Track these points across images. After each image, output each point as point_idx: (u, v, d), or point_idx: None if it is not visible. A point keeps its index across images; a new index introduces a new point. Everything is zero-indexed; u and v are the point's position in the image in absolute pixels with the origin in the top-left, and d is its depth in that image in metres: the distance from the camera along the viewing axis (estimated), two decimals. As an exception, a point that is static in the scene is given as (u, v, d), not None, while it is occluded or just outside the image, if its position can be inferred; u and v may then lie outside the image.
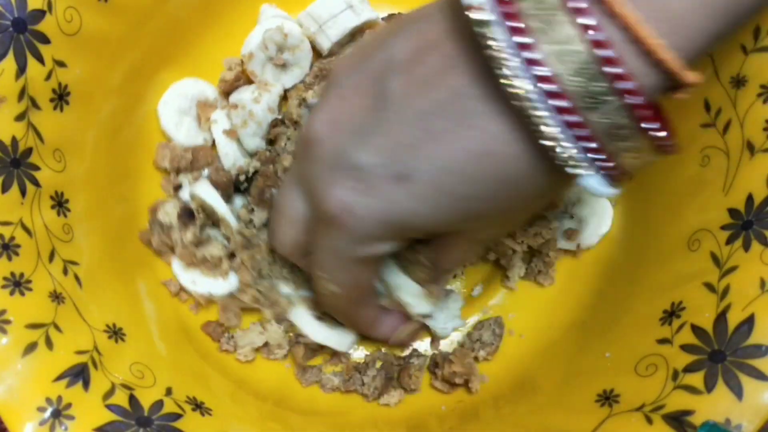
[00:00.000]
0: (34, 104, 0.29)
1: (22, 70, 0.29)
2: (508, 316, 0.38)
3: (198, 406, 0.31)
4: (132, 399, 0.29)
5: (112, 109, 0.35)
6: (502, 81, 0.21)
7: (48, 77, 0.30)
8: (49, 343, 0.28)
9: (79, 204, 0.32)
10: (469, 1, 0.21)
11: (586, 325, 0.35)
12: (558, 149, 0.22)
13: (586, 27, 0.20)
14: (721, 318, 0.26)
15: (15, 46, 0.28)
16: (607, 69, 0.21)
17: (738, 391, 0.24)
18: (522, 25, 0.21)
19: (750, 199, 0.27)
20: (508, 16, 0.21)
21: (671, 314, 0.28)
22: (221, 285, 0.36)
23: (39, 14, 0.29)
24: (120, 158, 0.36)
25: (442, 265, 0.32)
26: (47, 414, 0.26)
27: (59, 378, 0.27)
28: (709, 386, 0.25)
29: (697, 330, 0.27)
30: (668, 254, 0.31)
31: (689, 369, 0.26)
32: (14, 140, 0.29)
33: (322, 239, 0.28)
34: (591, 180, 0.23)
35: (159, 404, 0.29)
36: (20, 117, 0.29)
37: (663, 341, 0.28)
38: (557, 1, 0.21)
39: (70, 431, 0.26)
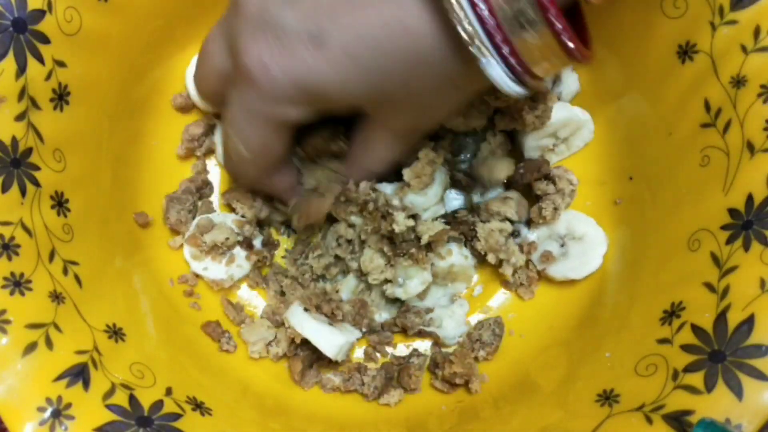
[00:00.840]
0: (34, 104, 0.29)
1: (22, 70, 0.28)
2: (508, 316, 0.38)
3: (198, 406, 0.31)
4: (132, 399, 0.29)
5: (112, 108, 0.35)
6: None
7: (48, 77, 0.30)
8: (49, 343, 0.28)
9: (79, 204, 0.32)
10: None
11: (586, 325, 0.35)
12: (462, 26, 0.23)
13: None
14: (721, 318, 0.26)
15: (15, 46, 0.28)
16: None
17: (738, 391, 0.24)
18: None
19: (750, 199, 0.27)
20: None
21: (671, 314, 0.28)
22: (232, 270, 0.37)
23: (39, 14, 0.29)
24: (120, 158, 0.36)
25: (362, 160, 0.33)
26: (47, 414, 0.26)
27: (59, 378, 0.27)
28: (709, 386, 0.25)
29: (697, 330, 0.27)
30: (668, 254, 0.31)
31: (689, 369, 0.26)
32: (14, 140, 0.29)
33: (237, 94, 0.29)
34: (493, 68, 0.23)
35: (159, 404, 0.29)
36: (20, 117, 0.29)
37: (663, 341, 0.28)
38: None
39: (70, 431, 0.26)
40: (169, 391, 0.30)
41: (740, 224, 0.27)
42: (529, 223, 0.38)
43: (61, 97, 0.31)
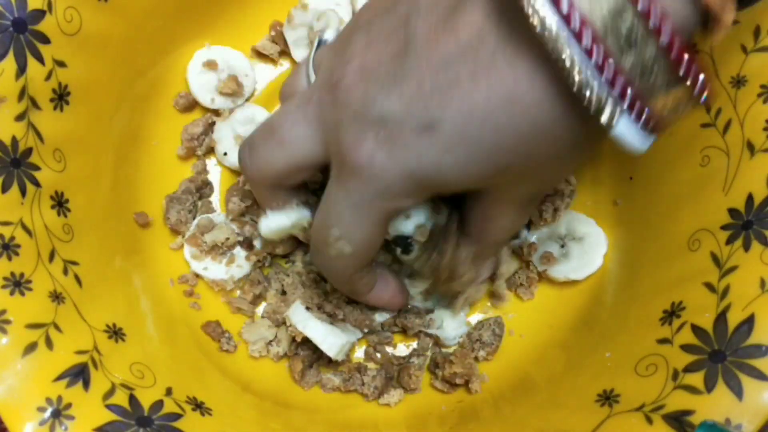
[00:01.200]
0: (34, 104, 0.29)
1: (22, 70, 0.28)
2: (508, 316, 0.38)
3: (198, 406, 0.31)
4: (132, 399, 0.29)
5: (113, 108, 0.35)
6: (528, 19, 0.20)
7: (48, 77, 0.30)
8: (49, 343, 0.28)
9: (80, 204, 0.32)
10: None
11: (586, 325, 0.35)
12: (586, 91, 0.21)
13: None
14: (721, 318, 0.26)
15: (15, 46, 0.28)
16: (641, 6, 0.19)
17: (738, 391, 0.24)
18: None
19: (750, 199, 0.27)
20: None
21: (671, 314, 0.28)
22: (232, 271, 0.37)
23: (39, 14, 0.29)
24: (120, 158, 0.36)
25: (489, 236, 0.31)
26: (47, 414, 0.26)
27: (59, 378, 0.27)
28: (709, 386, 0.25)
29: (697, 330, 0.27)
30: (668, 254, 0.31)
31: (689, 369, 0.26)
32: (14, 140, 0.29)
33: (343, 192, 0.27)
34: (623, 127, 0.21)
35: (159, 404, 0.29)
36: (20, 117, 0.29)
37: (663, 341, 0.28)
38: None
39: (70, 431, 0.26)
40: (169, 391, 0.30)
41: (740, 224, 0.27)
42: (530, 224, 0.38)
43: (61, 97, 0.31)
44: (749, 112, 0.28)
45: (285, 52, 0.40)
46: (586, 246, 0.36)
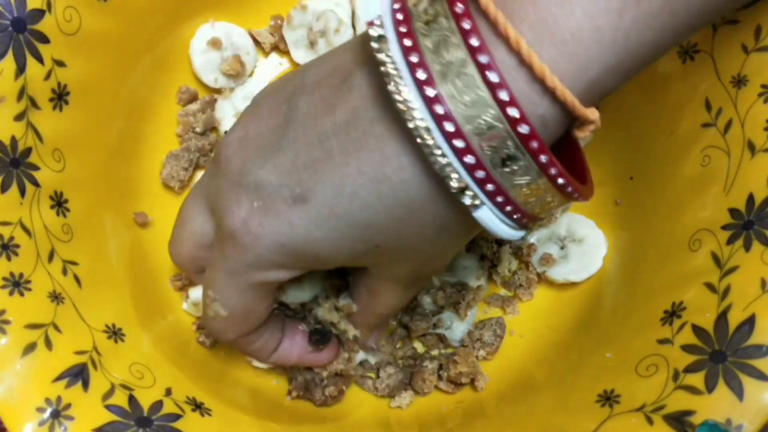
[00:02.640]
0: (34, 104, 0.29)
1: (21, 69, 0.28)
2: (508, 316, 0.38)
3: (198, 407, 0.31)
4: (131, 399, 0.28)
5: (112, 108, 0.35)
6: (394, 100, 0.21)
7: (47, 77, 0.30)
8: (48, 344, 0.28)
9: (79, 204, 0.32)
10: (368, 16, 0.21)
11: (587, 326, 0.35)
12: (450, 176, 0.21)
13: (474, 49, 0.20)
14: (721, 318, 0.26)
15: (14, 46, 0.28)
16: (496, 93, 0.20)
17: (739, 392, 0.24)
18: (412, 44, 0.20)
19: (751, 198, 0.27)
20: (402, 34, 0.21)
21: (672, 314, 0.28)
22: None
23: (38, 14, 0.29)
24: (119, 158, 0.36)
25: (374, 310, 0.31)
26: (46, 414, 0.26)
27: (58, 378, 0.27)
28: (710, 386, 0.25)
29: (697, 330, 0.27)
30: (669, 254, 0.31)
31: (690, 369, 0.26)
32: (13, 140, 0.29)
33: (219, 257, 0.27)
34: (486, 215, 0.22)
35: (158, 405, 0.29)
36: (19, 117, 0.29)
37: (664, 341, 0.28)
38: (451, 23, 0.20)
39: (70, 431, 0.26)
40: (168, 392, 0.30)
41: (741, 224, 0.27)
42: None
43: (60, 97, 0.31)
44: (750, 111, 0.28)
45: (278, 47, 0.40)
46: (586, 248, 0.36)
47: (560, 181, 0.22)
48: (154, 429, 0.28)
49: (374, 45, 0.21)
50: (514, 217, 0.22)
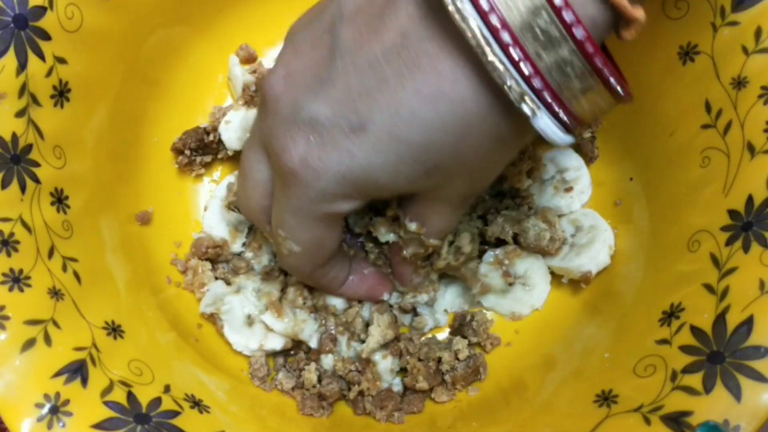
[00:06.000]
0: (35, 101, 0.29)
1: (22, 66, 0.29)
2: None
3: (196, 404, 0.31)
4: (130, 396, 0.29)
5: (113, 106, 0.35)
6: (450, 13, 0.21)
7: (49, 74, 0.30)
8: (47, 340, 0.28)
9: (79, 201, 0.32)
10: None
11: (585, 326, 0.35)
12: (509, 86, 0.21)
13: None
14: (720, 319, 0.26)
15: (16, 43, 0.28)
16: (556, 6, 0.20)
17: (736, 393, 0.24)
18: None
19: (750, 200, 0.27)
20: None
21: (670, 315, 0.28)
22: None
23: (40, 11, 0.29)
24: (120, 155, 0.36)
25: (426, 236, 0.31)
26: (45, 410, 0.26)
27: (57, 374, 0.27)
28: (708, 387, 0.25)
29: (696, 331, 0.27)
30: (668, 255, 0.31)
31: (688, 370, 0.26)
32: (14, 136, 0.29)
33: (282, 197, 0.28)
34: (543, 122, 0.22)
35: (157, 401, 0.29)
36: (21, 113, 0.29)
37: (662, 342, 0.28)
38: None
39: (68, 427, 0.26)
40: (167, 389, 0.30)
41: (740, 225, 0.27)
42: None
43: (61, 94, 0.31)
44: (750, 113, 0.28)
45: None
46: (590, 234, 0.36)
47: (612, 81, 0.22)
48: (153, 426, 0.28)
49: None
50: (567, 122, 0.23)
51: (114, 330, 0.31)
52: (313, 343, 0.36)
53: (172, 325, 0.35)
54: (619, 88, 0.22)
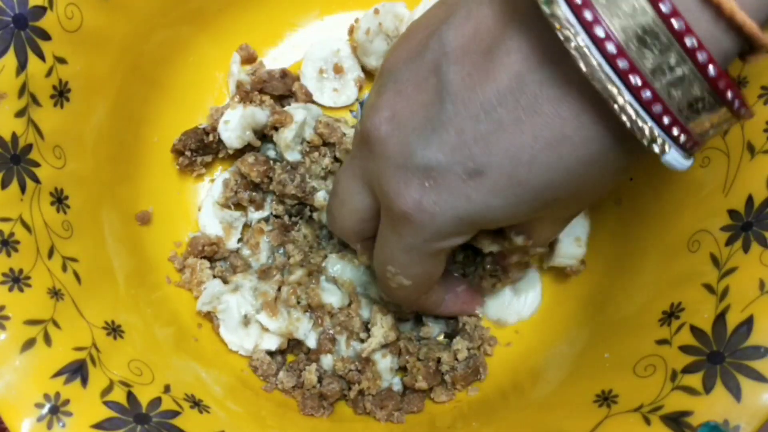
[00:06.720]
0: (35, 100, 0.29)
1: (22, 66, 0.29)
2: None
3: (196, 404, 0.31)
4: (130, 396, 0.29)
5: (113, 106, 0.35)
6: (577, 61, 0.20)
7: (48, 74, 0.30)
8: (47, 340, 0.28)
9: (79, 201, 0.32)
10: None
11: (585, 326, 0.35)
12: (637, 127, 0.21)
13: None
14: (720, 319, 0.26)
15: (16, 43, 0.28)
16: (682, 39, 0.20)
17: (736, 393, 0.24)
18: (582, 1, 0.20)
19: (750, 200, 0.27)
20: None
21: (670, 315, 0.28)
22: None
23: (40, 11, 0.29)
24: (120, 155, 0.36)
25: (533, 246, 0.31)
26: (45, 410, 0.26)
27: (57, 374, 0.27)
28: (708, 387, 0.25)
29: (696, 331, 0.27)
30: (668, 255, 0.31)
31: (688, 370, 0.26)
32: (14, 136, 0.29)
33: (392, 235, 0.28)
34: (671, 156, 0.22)
35: (157, 401, 0.29)
36: (20, 113, 0.29)
37: (662, 342, 0.28)
38: None
39: (68, 427, 0.26)
40: (167, 389, 0.30)
41: (740, 225, 0.27)
42: None
43: (61, 94, 0.31)
44: (750, 113, 0.28)
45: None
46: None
47: (743, 110, 0.22)
48: (153, 426, 0.28)
49: (544, 8, 0.20)
50: (692, 149, 0.22)
51: (114, 330, 0.31)
52: (312, 344, 0.36)
53: (172, 325, 0.35)
54: (746, 111, 0.22)
